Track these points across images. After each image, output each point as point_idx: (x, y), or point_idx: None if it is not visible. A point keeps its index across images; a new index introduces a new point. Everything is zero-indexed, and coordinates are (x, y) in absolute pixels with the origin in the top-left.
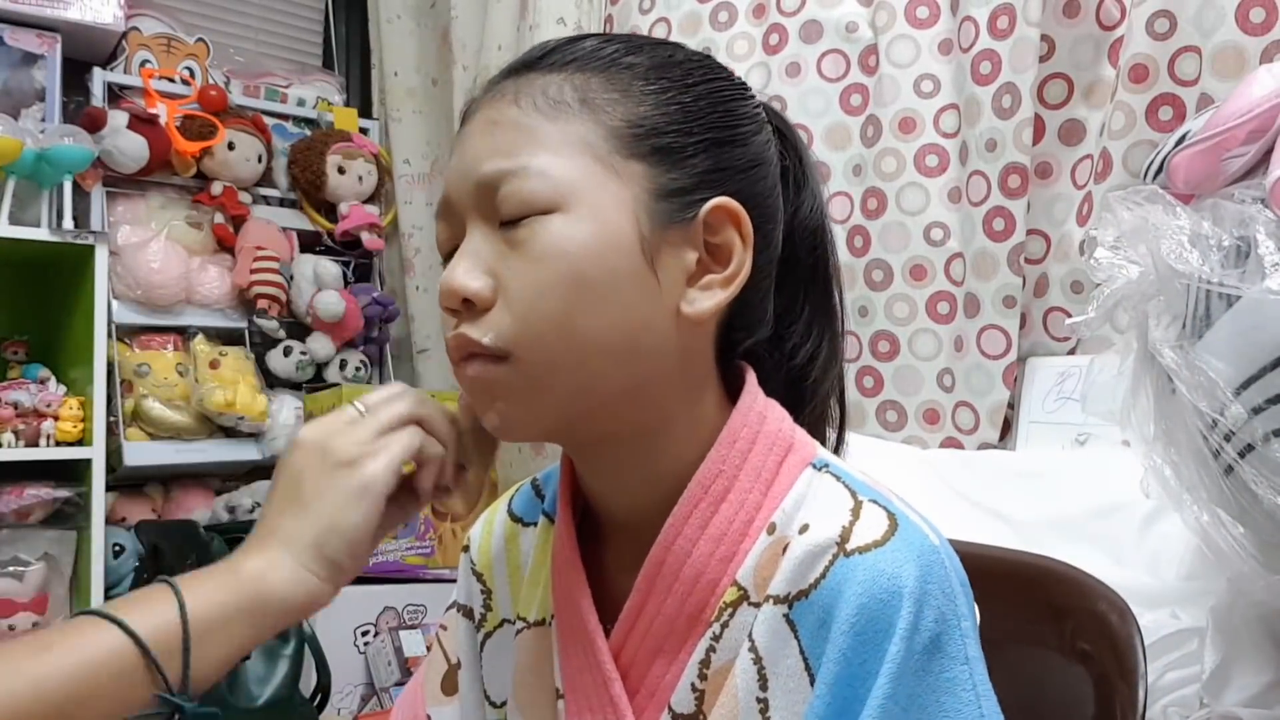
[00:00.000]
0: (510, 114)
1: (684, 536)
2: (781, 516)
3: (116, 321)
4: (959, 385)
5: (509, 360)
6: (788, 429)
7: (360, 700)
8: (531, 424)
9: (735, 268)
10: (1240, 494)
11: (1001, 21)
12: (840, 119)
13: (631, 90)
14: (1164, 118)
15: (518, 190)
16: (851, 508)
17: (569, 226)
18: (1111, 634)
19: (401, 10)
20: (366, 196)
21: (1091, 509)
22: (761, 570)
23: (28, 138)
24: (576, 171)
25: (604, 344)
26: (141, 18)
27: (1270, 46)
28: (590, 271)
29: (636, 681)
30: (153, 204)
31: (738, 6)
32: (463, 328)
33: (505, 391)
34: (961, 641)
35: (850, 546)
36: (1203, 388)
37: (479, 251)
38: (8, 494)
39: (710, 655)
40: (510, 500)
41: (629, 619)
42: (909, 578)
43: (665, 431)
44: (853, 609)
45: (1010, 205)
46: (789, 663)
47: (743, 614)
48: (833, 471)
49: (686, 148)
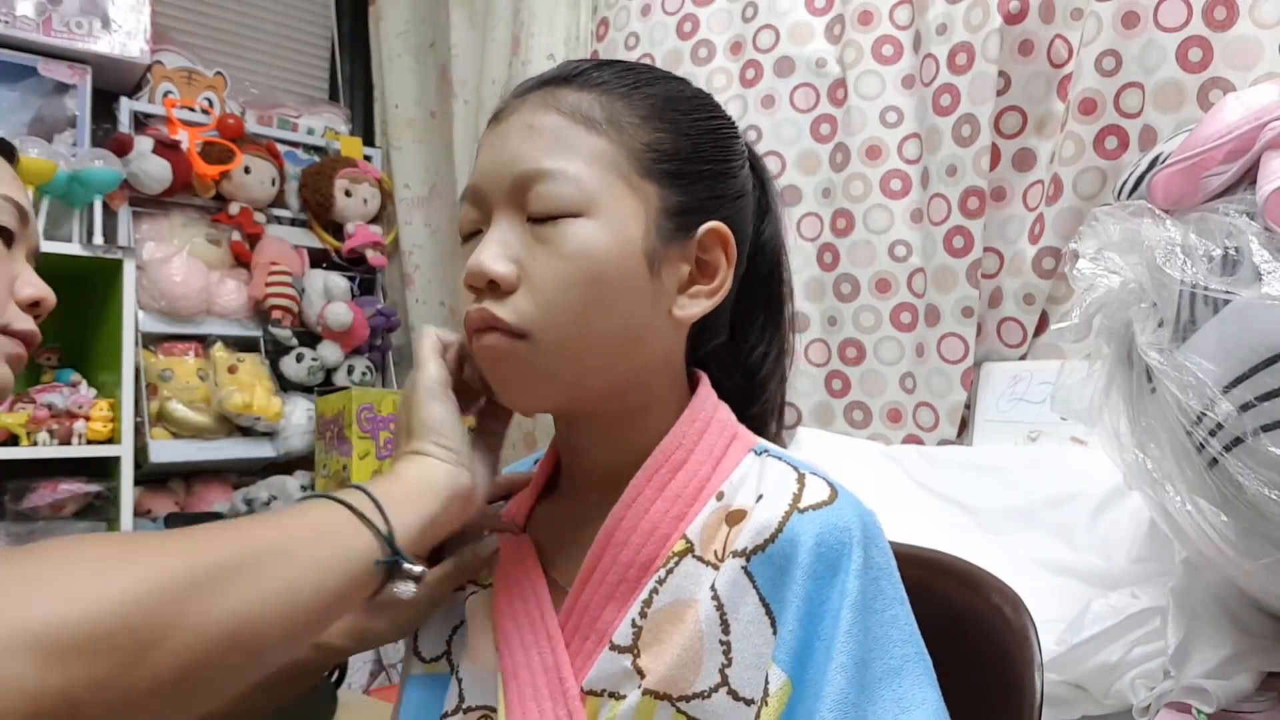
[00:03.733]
0: (547, 121)
1: (644, 496)
2: (729, 487)
3: (142, 330)
4: (920, 387)
5: (527, 339)
6: (733, 422)
7: (369, 675)
8: (538, 397)
9: (719, 283)
10: (1225, 485)
11: (960, 58)
12: (811, 146)
13: (650, 118)
14: (1110, 147)
15: (552, 192)
16: (797, 478)
17: (594, 231)
18: (1006, 626)
19: (402, 49)
20: (370, 217)
21: (1045, 499)
22: (708, 529)
23: (61, 161)
24: (603, 183)
25: (611, 337)
26: (165, 52)
27: (1207, 83)
28: (608, 273)
29: (589, 626)
30: (175, 222)
31: (716, 44)
32: (486, 303)
33: (519, 365)
34: (895, 586)
35: (803, 505)
36: (1191, 386)
37: (506, 240)
38: (43, 489)
39: (653, 596)
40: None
41: (589, 566)
42: (855, 527)
43: (646, 411)
44: (811, 556)
45: (969, 225)
46: (748, 609)
47: (687, 564)
48: (773, 454)
49: (692, 175)
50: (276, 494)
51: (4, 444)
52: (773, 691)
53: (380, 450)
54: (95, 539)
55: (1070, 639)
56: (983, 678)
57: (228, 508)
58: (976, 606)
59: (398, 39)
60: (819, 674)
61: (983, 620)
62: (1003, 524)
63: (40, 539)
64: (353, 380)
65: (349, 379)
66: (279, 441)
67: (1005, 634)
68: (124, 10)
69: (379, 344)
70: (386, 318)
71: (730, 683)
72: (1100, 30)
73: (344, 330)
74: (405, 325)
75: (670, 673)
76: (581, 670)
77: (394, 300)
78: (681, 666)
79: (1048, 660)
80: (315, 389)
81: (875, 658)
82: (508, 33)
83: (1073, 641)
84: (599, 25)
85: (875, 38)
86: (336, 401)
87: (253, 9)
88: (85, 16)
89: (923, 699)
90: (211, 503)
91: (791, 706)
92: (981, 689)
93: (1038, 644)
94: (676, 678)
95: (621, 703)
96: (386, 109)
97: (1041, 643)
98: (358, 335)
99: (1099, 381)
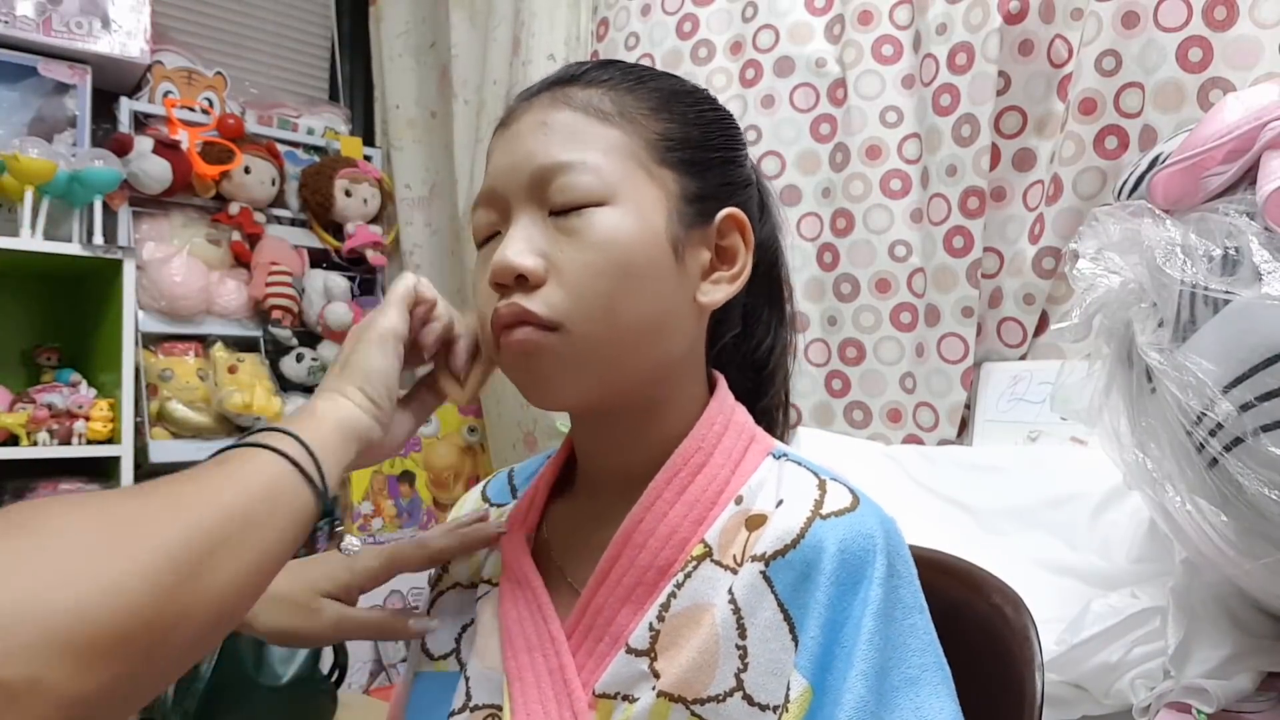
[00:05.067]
0: (560, 117)
1: (663, 499)
2: (747, 491)
3: (142, 330)
4: (920, 387)
5: (559, 331)
6: (751, 425)
7: (369, 675)
8: (568, 392)
9: (740, 267)
10: (1225, 485)
11: (960, 58)
12: (811, 146)
13: (659, 109)
14: (1110, 146)
15: (573, 183)
16: (818, 484)
17: (619, 219)
18: (1006, 626)
19: (402, 49)
20: (370, 217)
21: (1045, 499)
22: (726, 534)
23: (61, 161)
24: (622, 171)
25: (640, 324)
26: (165, 52)
27: (1207, 83)
28: (635, 259)
29: (603, 628)
30: (175, 222)
31: (716, 44)
32: (516, 298)
33: (551, 358)
34: (915, 594)
35: (824, 511)
36: (1191, 386)
37: (530, 235)
38: (43, 488)
39: (671, 600)
40: (485, 486)
41: (604, 569)
42: (878, 534)
43: (668, 405)
44: (834, 562)
45: (969, 225)
46: (766, 614)
47: (705, 568)
48: (792, 459)
49: (705, 162)
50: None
51: (4, 444)
52: (794, 698)
53: None
54: (73, 504)
55: (1070, 639)
56: (983, 678)
57: None
58: (976, 606)
59: (398, 39)
60: (839, 681)
61: (983, 620)
62: (1003, 524)
63: None
64: None
65: None
66: None
67: (1005, 634)
68: (124, 10)
69: None
70: None
71: (745, 687)
72: (1100, 30)
73: (344, 330)
74: None
75: (685, 675)
76: (594, 672)
77: None
78: (697, 669)
79: (1048, 660)
80: (315, 389)
81: (894, 666)
82: (508, 33)
83: (1073, 641)
84: (599, 25)
85: (875, 38)
86: None
87: (253, 9)
88: (85, 16)
89: (939, 709)
90: None
91: (811, 713)
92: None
93: (1038, 644)
94: (691, 680)
95: (635, 705)
96: (387, 109)
97: (1041, 643)
98: None
99: (1099, 381)
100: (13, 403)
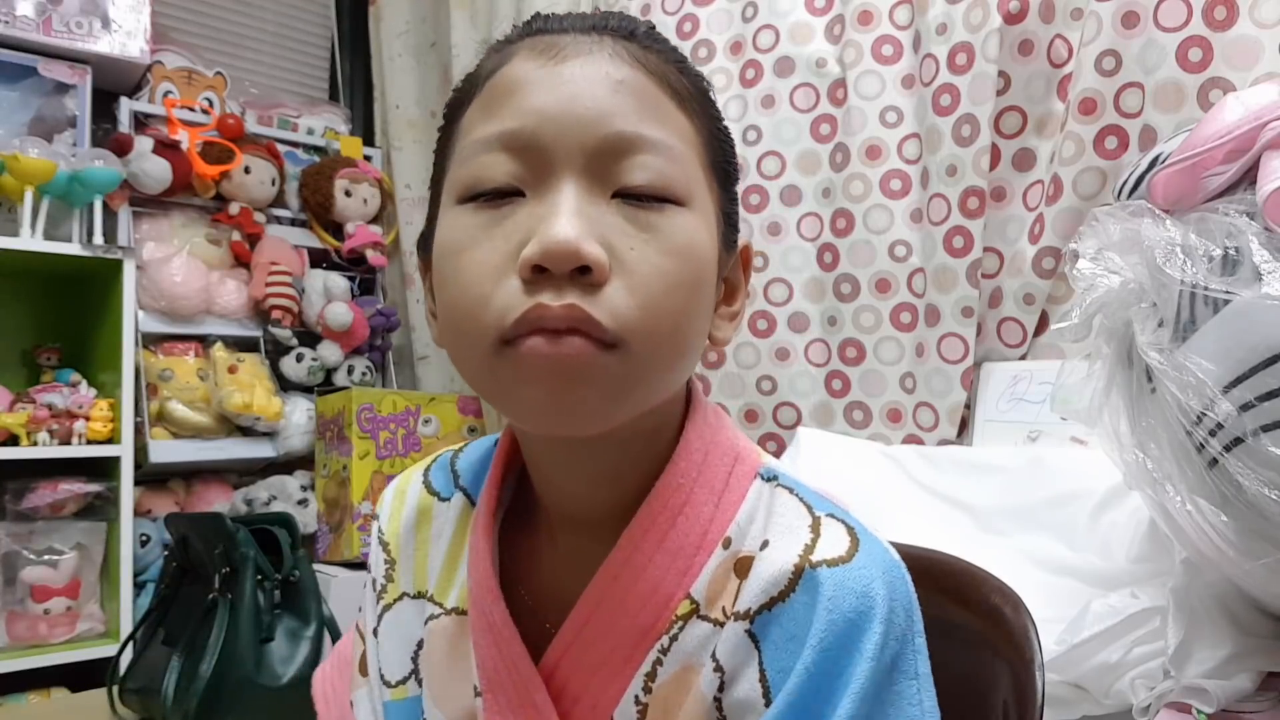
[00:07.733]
0: (636, 79)
1: (640, 551)
2: (736, 530)
3: (142, 330)
4: (920, 387)
5: (618, 349)
6: (732, 435)
7: None
8: (600, 424)
9: (739, 306)
10: (1225, 485)
11: (960, 58)
12: (811, 146)
13: (706, 104)
14: (1110, 146)
15: (661, 168)
16: (810, 524)
17: (698, 227)
18: (1007, 626)
19: (403, 49)
20: (371, 217)
21: (1045, 499)
22: (714, 584)
23: (61, 161)
24: (696, 170)
25: (690, 349)
26: (165, 52)
27: (1207, 83)
28: (705, 278)
29: (578, 690)
30: (175, 222)
31: (716, 44)
32: (573, 298)
33: (602, 385)
34: (914, 658)
35: (815, 559)
36: (1191, 386)
37: (588, 215)
38: (43, 489)
39: (656, 668)
40: (427, 471)
41: (574, 628)
42: (879, 597)
43: (657, 434)
44: (823, 625)
45: (969, 225)
46: (747, 684)
47: (693, 626)
48: (784, 484)
49: (735, 175)
50: (276, 494)
51: (4, 444)
52: None
53: (380, 450)
54: None
55: (1070, 639)
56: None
57: (228, 508)
58: (976, 607)
59: (398, 39)
60: None
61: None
62: (1002, 524)
63: (40, 539)
64: (353, 380)
65: (349, 379)
66: (279, 441)
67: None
68: (124, 10)
69: (379, 344)
70: (386, 318)
71: None
72: (1100, 30)
73: (344, 330)
74: (405, 325)
75: None
76: None
77: (394, 300)
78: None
79: (1048, 660)
80: (315, 389)
81: None
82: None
83: (1073, 641)
84: None
85: (875, 38)
86: (336, 401)
87: (253, 9)
88: (85, 16)
89: None
90: (211, 503)
91: None
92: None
93: (1038, 644)
94: None
95: None
96: (387, 109)
97: (1041, 643)
98: (358, 335)
99: (1099, 381)
100: (13, 403)
